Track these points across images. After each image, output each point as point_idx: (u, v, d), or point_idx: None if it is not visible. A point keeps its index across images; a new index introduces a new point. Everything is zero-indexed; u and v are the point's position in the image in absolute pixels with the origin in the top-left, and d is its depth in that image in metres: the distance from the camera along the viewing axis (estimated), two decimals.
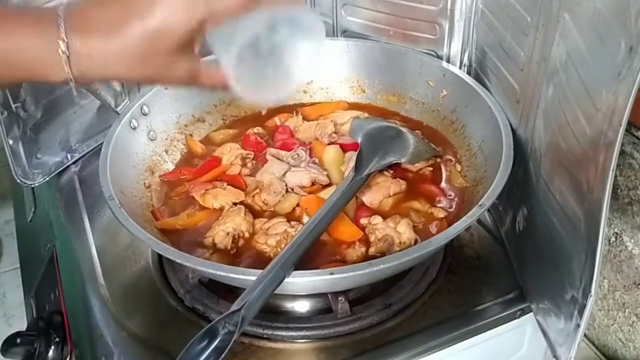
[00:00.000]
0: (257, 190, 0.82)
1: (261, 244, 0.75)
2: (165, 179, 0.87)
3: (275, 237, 0.75)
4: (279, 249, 0.73)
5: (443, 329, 0.75)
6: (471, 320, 0.76)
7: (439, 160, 0.87)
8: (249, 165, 0.88)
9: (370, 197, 0.80)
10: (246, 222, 0.77)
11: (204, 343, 0.53)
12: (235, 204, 0.81)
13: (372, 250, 0.74)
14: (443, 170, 0.86)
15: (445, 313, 0.76)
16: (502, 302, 0.78)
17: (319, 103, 1.01)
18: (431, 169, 0.86)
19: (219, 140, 0.95)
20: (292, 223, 0.77)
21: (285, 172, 0.84)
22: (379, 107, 0.99)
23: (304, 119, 0.96)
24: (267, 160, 0.87)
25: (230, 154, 0.89)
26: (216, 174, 0.86)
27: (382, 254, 0.72)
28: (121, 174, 0.79)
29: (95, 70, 0.49)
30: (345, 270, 0.63)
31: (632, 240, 0.82)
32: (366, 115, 0.96)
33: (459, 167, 0.86)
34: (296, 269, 0.63)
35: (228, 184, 0.83)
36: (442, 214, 0.79)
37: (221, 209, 0.80)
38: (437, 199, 0.82)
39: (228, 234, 0.76)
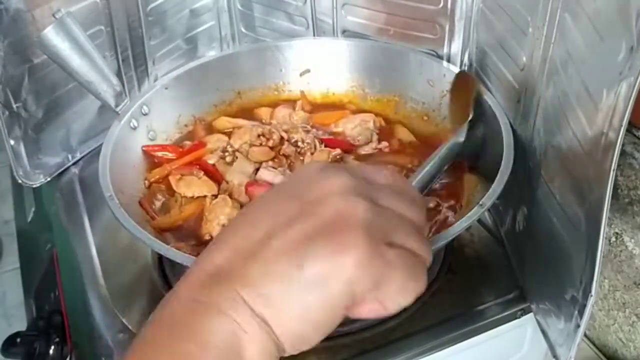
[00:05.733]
0: (226, 193, 0.81)
1: None
2: (147, 150, 0.87)
3: None
4: None
5: (443, 329, 0.75)
6: (471, 321, 0.76)
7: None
8: (227, 159, 0.87)
9: None
10: (237, 210, 0.77)
11: None
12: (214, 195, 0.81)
13: None
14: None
15: (445, 313, 0.76)
16: (503, 302, 0.78)
17: (322, 113, 0.99)
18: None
19: (222, 128, 0.94)
20: None
21: (257, 169, 0.83)
22: (379, 107, 0.99)
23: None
24: None
25: (214, 144, 0.88)
26: (194, 157, 0.86)
27: None
28: (121, 174, 0.79)
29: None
30: None
31: (632, 240, 0.82)
32: (364, 116, 0.95)
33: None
34: None
35: (205, 174, 0.83)
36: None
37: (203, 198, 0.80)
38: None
39: (224, 225, 0.75)
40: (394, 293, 0.39)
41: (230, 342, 0.37)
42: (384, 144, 0.91)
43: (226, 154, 0.87)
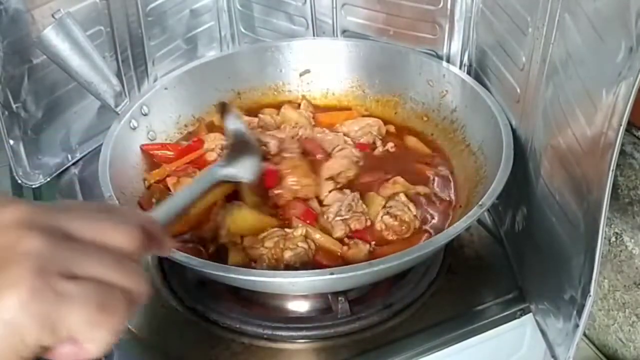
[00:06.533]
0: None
1: (256, 248, 0.74)
2: (146, 149, 0.87)
3: (272, 240, 0.74)
4: (277, 250, 0.73)
5: (443, 329, 0.75)
6: (471, 320, 0.76)
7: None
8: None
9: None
10: (253, 215, 0.77)
11: None
12: None
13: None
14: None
15: (445, 313, 0.76)
16: (502, 302, 0.78)
17: (329, 113, 0.99)
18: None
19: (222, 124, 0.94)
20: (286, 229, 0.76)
21: None
22: (378, 107, 0.99)
23: (316, 124, 0.96)
24: None
25: (212, 142, 0.89)
26: (194, 157, 0.86)
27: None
28: (121, 174, 0.79)
29: None
30: (346, 270, 0.63)
31: (632, 240, 0.82)
32: (370, 121, 0.94)
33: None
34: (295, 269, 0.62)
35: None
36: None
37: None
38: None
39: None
40: (83, 330, 0.34)
41: None
42: (390, 144, 0.91)
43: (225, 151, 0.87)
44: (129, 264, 0.38)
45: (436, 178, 0.85)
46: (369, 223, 0.78)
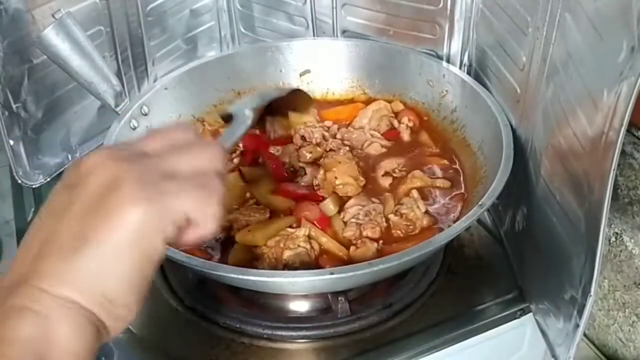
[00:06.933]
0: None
1: (260, 246, 0.74)
2: None
3: (274, 237, 0.74)
4: (277, 249, 0.73)
5: (443, 329, 0.75)
6: (471, 320, 0.76)
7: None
8: (235, 160, 0.88)
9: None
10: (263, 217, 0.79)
11: None
12: None
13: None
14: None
15: (445, 313, 0.76)
16: (502, 302, 0.78)
17: (335, 108, 0.99)
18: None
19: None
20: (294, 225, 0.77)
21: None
22: None
23: (321, 120, 0.96)
24: (254, 155, 0.88)
25: None
26: None
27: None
28: None
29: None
30: (345, 270, 0.63)
31: (632, 240, 0.83)
32: (374, 107, 0.94)
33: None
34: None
35: None
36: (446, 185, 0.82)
37: None
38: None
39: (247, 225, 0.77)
40: (197, 210, 0.42)
41: (34, 332, 0.38)
42: (405, 119, 0.93)
43: (233, 154, 0.88)
44: (202, 147, 0.45)
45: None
46: (382, 230, 0.77)
